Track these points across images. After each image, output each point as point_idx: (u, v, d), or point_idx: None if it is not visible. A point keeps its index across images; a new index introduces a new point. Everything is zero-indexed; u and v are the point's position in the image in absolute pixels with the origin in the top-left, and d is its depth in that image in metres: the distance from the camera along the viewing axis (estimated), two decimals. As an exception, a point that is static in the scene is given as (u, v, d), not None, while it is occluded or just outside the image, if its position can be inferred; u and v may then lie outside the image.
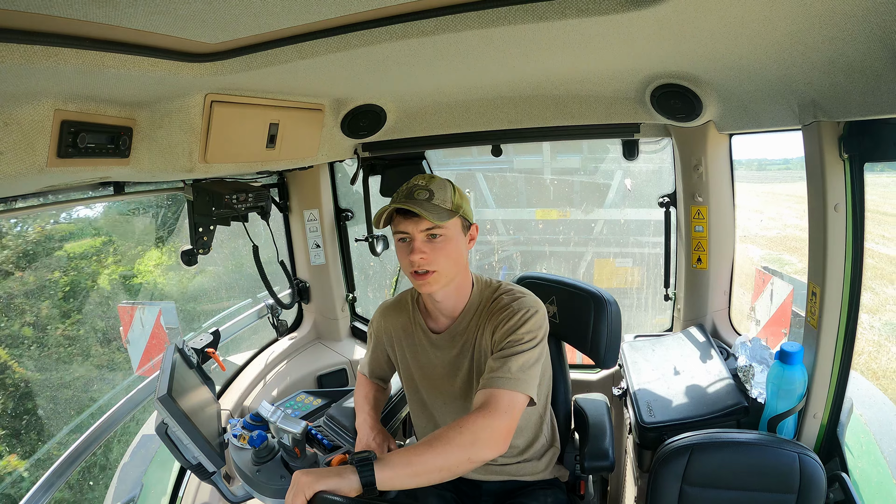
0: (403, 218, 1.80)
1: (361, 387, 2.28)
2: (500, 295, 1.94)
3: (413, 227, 1.79)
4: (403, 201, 1.79)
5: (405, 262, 1.84)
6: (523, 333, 1.80)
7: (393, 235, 1.88)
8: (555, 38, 1.46)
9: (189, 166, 1.84)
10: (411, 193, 1.82)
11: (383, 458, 1.52)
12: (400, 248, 1.86)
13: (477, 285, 2.00)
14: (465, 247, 1.90)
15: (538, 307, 1.88)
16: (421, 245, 1.80)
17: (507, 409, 1.67)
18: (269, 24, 1.21)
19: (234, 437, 2.18)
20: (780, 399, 1.99)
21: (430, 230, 1.80)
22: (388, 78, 1.96)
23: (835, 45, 1.28)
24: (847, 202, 1.73)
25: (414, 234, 1.80)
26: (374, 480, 1.47)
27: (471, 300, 1.98)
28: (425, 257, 1.80)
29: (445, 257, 1.83)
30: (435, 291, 1.88)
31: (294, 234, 3.48)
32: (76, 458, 2.16)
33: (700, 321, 2.93)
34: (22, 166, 1.36)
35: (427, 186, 1.83)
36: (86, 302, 5.95)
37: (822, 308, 1.83)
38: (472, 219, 1.93)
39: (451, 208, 1.84)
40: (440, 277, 1.84)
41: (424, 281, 1.83)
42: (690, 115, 2.33)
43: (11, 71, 1.07)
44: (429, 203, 1.79)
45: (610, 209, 8.65)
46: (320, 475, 1.47)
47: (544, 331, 1.86)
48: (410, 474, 1.52)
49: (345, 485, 1.45)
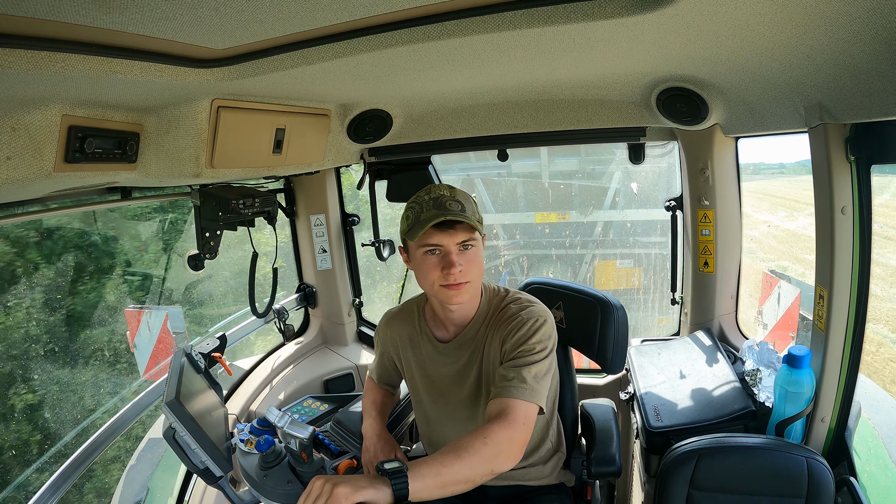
0: (436, 230, 1.75)
1: (370, 391, 2.28)
2: (508, 304, 1.93)
3: (448, 239, 1.75)
4: (446, 212, 1.74)
5: (434, 275, 1.80)
6: (535, 343, 1.79)
7: (417, 248, 1.82)
8: (560, 42, 1.46)
9: (196, 171, 1.85)
10: (442, 205, 1.77)
11: (414, 470, 1.49)
12: (427, 260, 1.81)
13: (485, 294, 1.99)
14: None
15: (547, 316, 1.87)
16: (457, 257, 1.77)
17: (525, 421, 1.67)
18: (275, 30, 1.22)
19: (242, 441, 2.18)
20: (788, 403, 1.97)
21: (465, 242, 1.77)
22: (395, 83, 1.97)
23: (841, 47, 1.27)
24: (854, 204, 1.72)
25: (449, 247, 1.77)
26: (408, 492, 1.45)
27: (480, 309, 1.97)
28: (463, 269, 1.77)
29: (476, 268, 1.82)
30: (465, 302, 1.87)
31: (301, 238, 3.49)
32: (84, 461, 2.16)
33: (707, 325, 2.91)
34: (29, 171, 1.36)
35: (455, 198, 1.79)
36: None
37: (829, 311, 1.82)
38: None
39: (479, 219, 1.83)
40: (471, 288, 1.83)
41: (458, 291, 1.80)
42: (696, 119, 2.32)
43: (19, 76, 1.08)
44: (463, 214, 1.76)
45: (609, 211, 8.66)
46: (356, 486, 1.42)
47: (554, 340, 1.86)
48: (440, 485, 1.50)
49: (380, 496, 1.42)
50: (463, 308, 1.94)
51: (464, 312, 1.96)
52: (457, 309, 1.93)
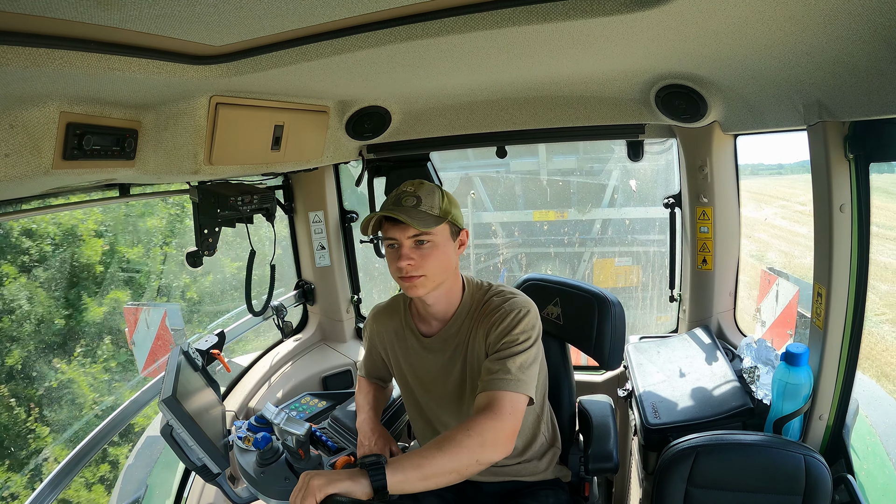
0: (391, 225, 1.82)
1: (362, 388, 2.28)
2: (490, 297, 1.95)
3: (400, 233, 1.80)
4: (391, 208, 1.81)
5: (394, 268, 1.85)
6: (518, 334, 1.81)
7: (382, 241, 1.90)
8: (560, 39, 1.46)
9: (194, 168, 1.85)
10: (399, 200, 1.84)
11: (394, 462, 1.52)
12: (389, 253, 1.87)
13: (468, 288, 2.01)
14: (454, 252, 1.91)
15: (530, 306, 1.89)
16: (408, 251, 1.81)
17: (511, 411, 1.68)
18: (273, 27, 1.22)
19: (239, 438, 2.18)
20: (786, 400, 1.98)
21: (416, 237, 1.81)
22: (393, 79, 1.97)
23: (840, 45, 1.27)
24: (853, 202, 1.72)
25: (402, 241, 1.81)
26: (386, 484, 1.47)
27: (462, 303, 1.99)
28: (413, 263, 1.81)
29: (433, 263, 1.83)
30: (422, 295, 1.89)
31: (299, 235, 3.49)
32: (83, 458, 2.16)
33: (705, 322, 2.92)
34: (27, 168, 1.36)
35: (415, 193, 1.84)
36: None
37: (827, 309, 1.83)
38: (461, 224, 1.94)
39: (439, 214, 1.84)
40: (427, 282, 1.85)
41: (412, 284, 1.84)
42: (695, 116, 2.32)
43: (17, 73, 1.07)
44: (415, 210, 1.80)
45: (608, 209, 8.67)
46: (332, 478, 1.47)
47: (538, 330, 1.88)
48: (420, 477, 1.52)
49: (357, 488, 1.46)
50: (441, 303, 1.97)
51: (443, 307, 1.98)
52: (433, 303, 1.96)
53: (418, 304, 2.03)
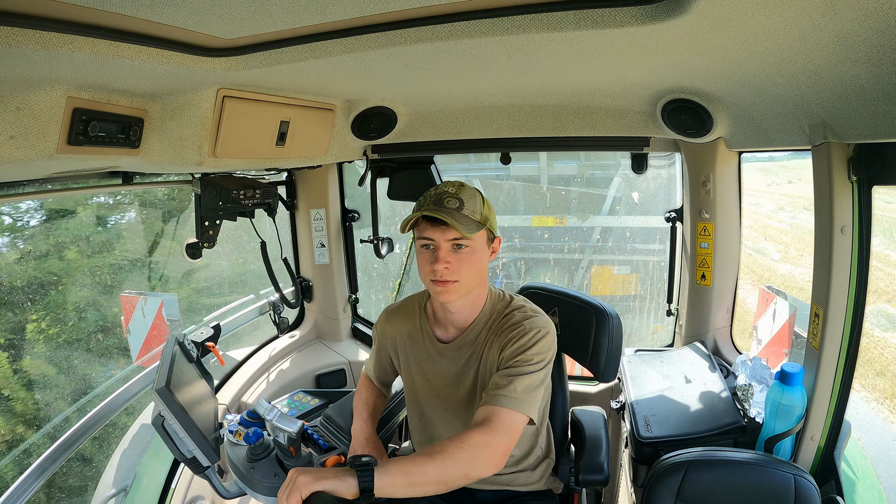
0: (430, 225, 1.77)
1: (363, 390, 2.26)
2: (512, 311, 1.92)
3: (439, 235, 1.76)
4: (433, 208, 1.76)
5: (426, 269, 1.81)
6: (532, 355, 1.78)
7: (415, 241, 1.85)
8: (569, 48, 1.46)
9: (198, 160, 1.85)
10: (441, 200, 1.78)
11: (383, 465, 1.52)
12: (422, 254, 1.82)
13: (490, 298, 1.98)
14: (486, 259, 1.88)
15: (549, 328, 1.86)
16: (446, 255, 1.77)
17: (508, 430, 1.67)
18: (284, 22, 1.22)
19: (230, 432, 2.18)
20: (779, 419, 1.98)
21: (456, 240, 1.77)
22: (401, 81, 1.97)
23: (848, 67, 1.28)
24: (854, 224, 1.72)
25: (440, 243, 1.77)
26: (373, 486, 1.47)
27: (482, 312, 1.96)
28: (449, 267, 1.77)
29: (469, 269, 1.80)
30: (453, 301, 1.85)
31: (300, 232, 3.49)
32: (70, 445, 2.16)
33: (701, 338, 2.92)
34: (32, 151, 1.36)
35: (457, 195, 1.79)
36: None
37: (824, 330, 1.83)
38: (496, 231, 1.90)
39: (480, 220, 1.81)
40: (460, 287, 1.81)
41: (444, 288, 1.80)
42: (701, 132, 2.32)
43: (26, 56, 1.07)
44: (459, 213, 1.76)
45: (607, 217, 8.66)
46: (318, 475, 1.47)
47: (552, 354, 1.85)
48: (407, 483, 1.52)
49: (343, 487, 1.46)
50: (463, 310, 1.94)
51: (465, 314, 1.95)
52: (457, 310, 1.93)
53: (438, 309, 2.00)
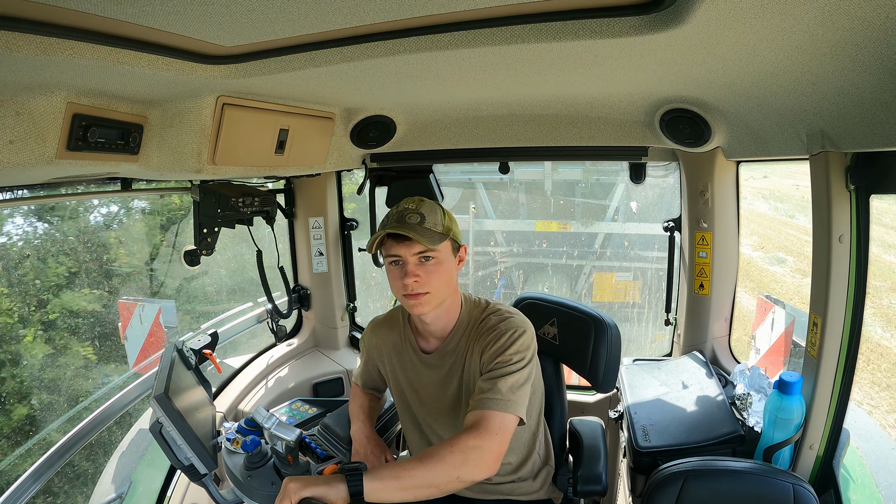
0: (395, 242, 1.82)
1: (356, 397, 2.28)
2: (488, 315, 1.95)
3: (405, 250, 1.81)
4: (395, 226, 1.81)
5: (398, 285, 1.85)
6: (511, 354, 1.80)
7: (384, 259, 1.89)
8: (568, 58, 1.46)
9: (197, 167, 1.85)
10: (402, 217, 1.83)
11: (373, 470, 1.53)
12: (391, 271, 1.87)
13: (465, 305, 2.01)
14: (454, 268, 1.92)
15: (526, 327, 1.89)
16: (414, 268, 1.82)
17: (499, 431, 1.68)
18: (284, 31, 1.22)
19: (228, 440, 2.17)
20: (777, 429, 1.97)
21: (422, 253, 1.81)
22: (400, 90, 1.97)
23: (845, 76, 1.28)
24: (852, 233, 1.72)
25: (406, 258, 1.82)
26: (362, 490, 1.48)
27: (459, 320, 1.99)
28: (419, 280, 1.81)
29: (438, 279, 1.84)
30: (426, 312, 1.89)
31: (298, 240, 3.49)
32: (67, 450, 2.16)
33: (700, 347, 2.91)
34: (31, 156, 1.36)
35: (418, 210, 1.85)
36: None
37: (822, 339, 1.82)
38: (461, 240, 1.95)
39: (442, 231, 1.85)
40: (432, 299, 1.85)
41: (417, 301, 1.84)
42: (699, 141, 2.33)
43: (27, 61, 1.08)
44: (420, 227, 1.81)
45: (610, 223, 8.69)
46: (308, 482, 1.49)
47: (532, 350, 1.87)
48: (398, 487, 1.52)
49: (332, 493, 1.47)
50: (439, 320, 1.97)
51: (441, 324, 1.98)
52: (431, 321, 1.96)
53: (416, 321, 2.03)
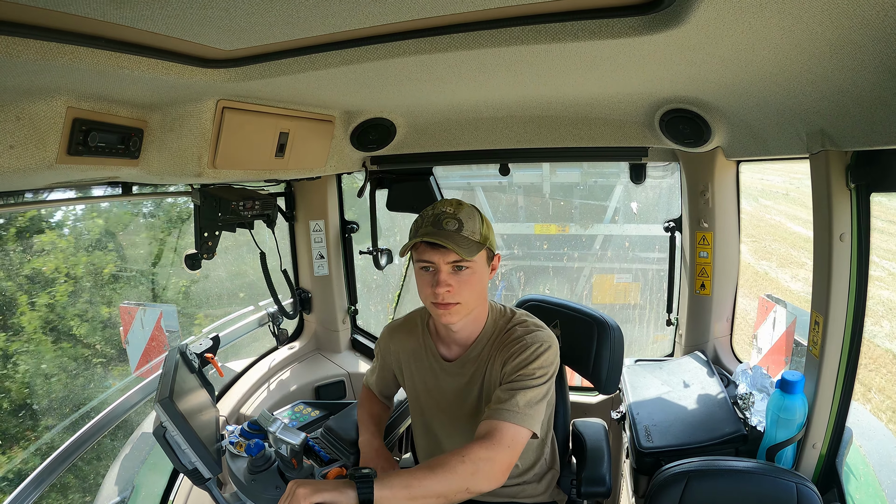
0: (429, 247, 1.75)
1: (366, 402, 2.25)
2: (514, 326, 1.92)
3: (439, 258, 1.74)
4: (432, 231, 1.74)
5: (427, 292, 1.79)
6: (534, 369, 1.77)
7: (414, 263, 1.82)
8: (567, 59, 1.46)
9: (198, 171, 1.85)
10: (439, 222, 1.76)
11: (383, 478, 1.51)
12: (422, 276, 1.81)
13: (492, 314, 1.97)
14: (487, 278, 1.86)
15: (551, 342, 1.85)
16: (447, 277, 1.75)
17: (510, 444, 1.66)
18: (283, 34, 1.22)
19: (232, 444, 2.17)
20: (780, 428, 1.97)
21: (457, 262, 1.75)
22: (400, 92, 1.97)
23: (845, 75, 1.28)
24: (853, 232, 1.72)
25: (440, 265, 1.75)
26: (372, 498, 1.46)
27: (485, 329, 1.95)
28: (451, 290, 1.75)
29: (470, 290, 1.79)
30: (455, 322, 1.84)
31: (299, 243, 3.49)
32: (68, 456, 2.15)
33: (701, 347, 2.91)
34: (32, 161, 1.36)
35: (455, 215, 1.77)
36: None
37: (824, 337, 1.82)
38: (496, 249, 1.88)
39: (479, 240, 1.78)
40: (462, 309, 1.80)
41: (446, 311, 1.79)
42: (699, 141, 2.33)
43: (27, 66, 1.08)
44: (458, 235, 1.74)
45: (609, 224, 8.69)
46: (318, 487, 1.47)
47: (555, 367, 1.84)
48: (408, 496, 1.51)
49: (342, 499, 1.45)
50: (466, 328, 1.93)
51: (467, 332, 1.94)
52: (459, 329, 1.92)
53: (440, 328, 1.99)
